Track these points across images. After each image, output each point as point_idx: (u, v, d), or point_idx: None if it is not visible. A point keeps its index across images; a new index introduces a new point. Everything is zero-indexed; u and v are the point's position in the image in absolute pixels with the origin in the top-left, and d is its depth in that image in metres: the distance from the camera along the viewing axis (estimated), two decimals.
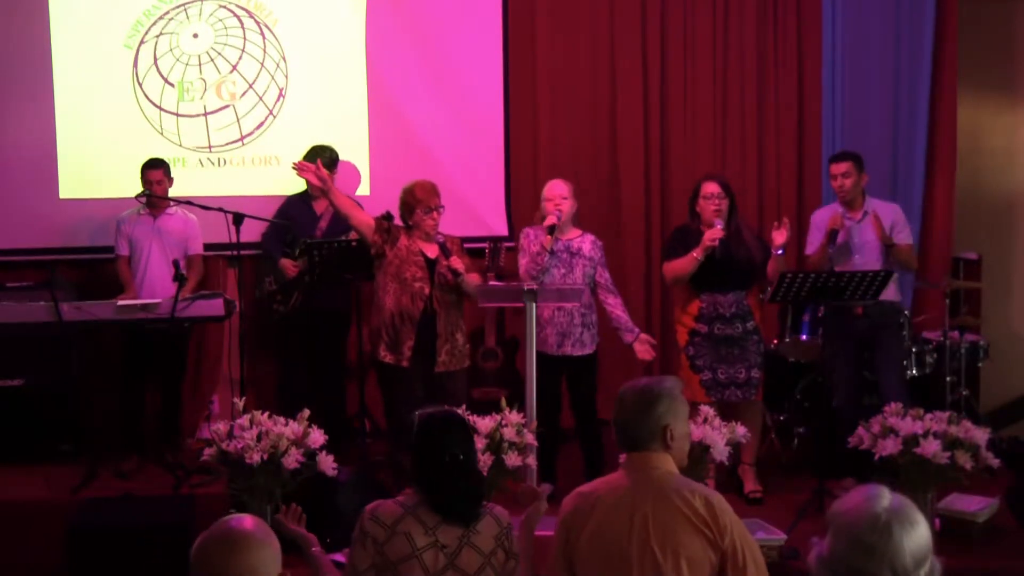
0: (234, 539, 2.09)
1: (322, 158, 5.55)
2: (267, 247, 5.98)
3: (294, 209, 5.98)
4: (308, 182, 5.37)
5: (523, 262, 5.19)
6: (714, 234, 5.05)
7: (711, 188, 5.20)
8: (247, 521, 2.14)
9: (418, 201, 5.05)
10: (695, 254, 5.07)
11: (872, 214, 5.31)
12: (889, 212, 5.45)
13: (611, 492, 2.74)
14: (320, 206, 5.92)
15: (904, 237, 5.41)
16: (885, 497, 1.91)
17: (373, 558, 2.84)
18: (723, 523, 2.66)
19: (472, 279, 5.07)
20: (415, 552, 2.82)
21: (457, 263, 4.98)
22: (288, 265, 5.79)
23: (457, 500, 2.89)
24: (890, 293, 5.29)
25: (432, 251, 5.06)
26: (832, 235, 5.27)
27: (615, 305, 5.30)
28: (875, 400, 5.36)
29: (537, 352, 4.96)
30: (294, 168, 5.20)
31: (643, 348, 5.27)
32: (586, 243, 5.30)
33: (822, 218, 5.47)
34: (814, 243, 5.45)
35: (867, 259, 5.32)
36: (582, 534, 2.71)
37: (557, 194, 5.23)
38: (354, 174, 6.36)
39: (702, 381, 5.13)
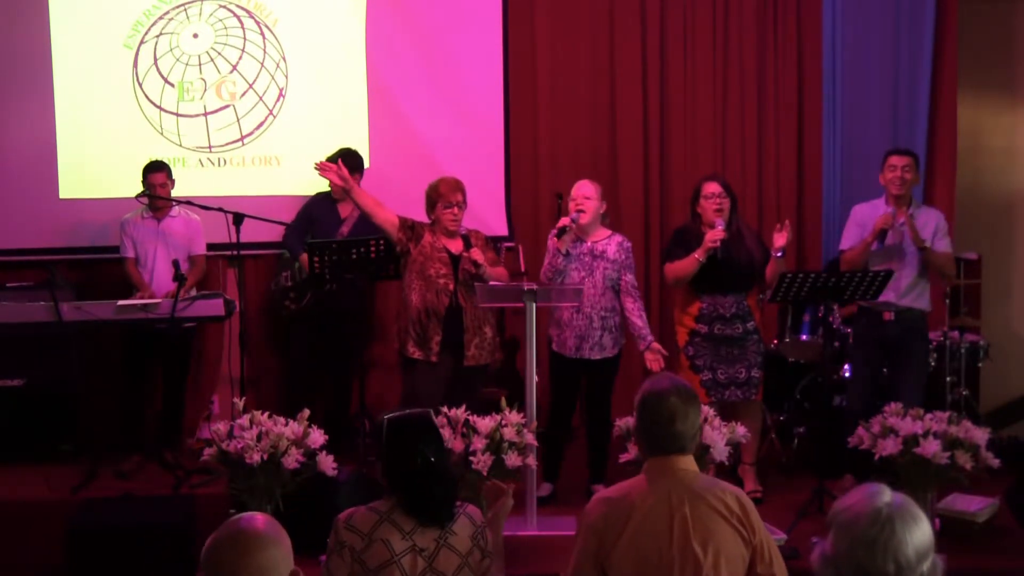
0: (246, 539, 2.05)
1: (344, 161, 5.51)
2: (289, 243, 5.94)
3: (318, 209, 5.94)
4: (331, 183, 5.36)
5: (545, 263, 5.18)
6: (715, 235, 5.03)
7: (712, 188, 5.18)
8: (258, 520, 2.10)
9: (440, 196, 5.08)
10: (697, 256, 5.05)
11: (907, 220, 5.21)
12: (933, 217, 5.37)
13: (644, 496, 2.71)
14: (345, 209, 5.86)
15: (944, 245, 5.32)
16: (886, 494, 1.93)
17: (351, 567, 2.82)
18: (753, 520, 2.70)
19: (498, 272, 5.07)
20: (394, 558, 2.80)
21: (477, 255, 4.98)
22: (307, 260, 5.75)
23: (431, 502, 2.87)
24: (922, 302, 5.29)
25: (456, 247, 5.07)
26: (882, 234, 5.19)
27: (632, 311, 5.19)
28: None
29: (556, 354, 5.08)
30: (316, 168, 5.19)
31: (652, 357, 5.15)
32: (612, 245, 5.21)
33: (865, 213, 5.37)
34: (852, 238, 5.36)
35: (907, 265, 5.24)
36: (620, 540, 2.67)
37: (580, 194, 5.18)
38: None
39: (702, 381, 5.12)
